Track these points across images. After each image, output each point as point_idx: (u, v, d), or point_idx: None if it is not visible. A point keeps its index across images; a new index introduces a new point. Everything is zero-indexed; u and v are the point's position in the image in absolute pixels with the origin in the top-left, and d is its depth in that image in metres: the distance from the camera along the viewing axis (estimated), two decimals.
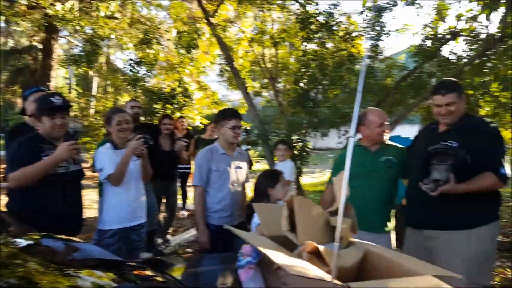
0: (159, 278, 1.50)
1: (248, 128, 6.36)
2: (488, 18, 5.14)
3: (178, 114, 7.16)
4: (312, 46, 5.24)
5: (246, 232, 1.40)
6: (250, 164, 5.57)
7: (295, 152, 5.28)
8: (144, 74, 7.36)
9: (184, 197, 6.54)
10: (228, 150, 3.04)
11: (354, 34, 5.21)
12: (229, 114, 3.01)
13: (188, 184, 6.56)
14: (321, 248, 1.25)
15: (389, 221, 2.87)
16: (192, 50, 6.22)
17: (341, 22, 5.15)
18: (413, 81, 5.41)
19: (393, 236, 2.99)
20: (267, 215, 1.57)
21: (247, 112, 6.00)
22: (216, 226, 2.95)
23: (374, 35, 5.03)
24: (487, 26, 4.94)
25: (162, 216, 5.01)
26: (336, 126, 4.67)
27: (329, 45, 5.31)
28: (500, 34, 4.46)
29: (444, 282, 1.14)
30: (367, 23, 5.16)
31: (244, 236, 1.31)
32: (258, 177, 2.76)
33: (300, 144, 5.28)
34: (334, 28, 4.84)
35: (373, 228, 2.78)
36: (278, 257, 1.12)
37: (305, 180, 6.60)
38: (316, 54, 4.68)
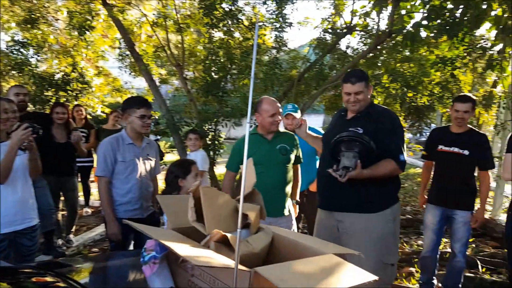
0: (61, 284, 1.35)
1: (156, 117, 6.11)
2: (378, 15, 5.62)
3: (75, 102, 6.59)
4: (219, 35, 5.20)
5: (148, 226, 1.31)
6: (161, 155, 5.39)
7: (207, 141, 5.22)
8: (32, 57, 6.56)
9: (87, 193, 6.05)
10: (136, 140, 2.89)
11: (259, 24, 5.29)
12: (138, 102, 2.86)
13: (90, 178, 6.12)
14: (229, 236, 1.24)
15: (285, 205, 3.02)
16: (87, 33, 5.68)
17: (245, 11, 5.19)
18: (315, 73, 5.72)
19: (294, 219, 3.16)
20: (172, 206, 1.51)
21: (153, 100, 5.73)
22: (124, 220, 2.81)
23: (277, 26, 5.16)
24: (378, 22, 5.41)
25: (61, 214, 4.59)
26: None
27: (236, 34, 5.32)
28: (388, 30, 4.91)
29: (345, 260, 1.20)
30: (270, 14, 5.26)
31: (145, 230, 1.23)
32: (169, 167, 2.64)
33: (212, 133, 5.25)
34: (239, 17, 4.84)
35: (272, 213, 2.89)
36: (182, 249, 1.07)
37: (218, 170, 6.58)
38: (223, 42, 4.65)
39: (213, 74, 4.69)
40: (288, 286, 0.93)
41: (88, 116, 5.91)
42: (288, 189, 3.04)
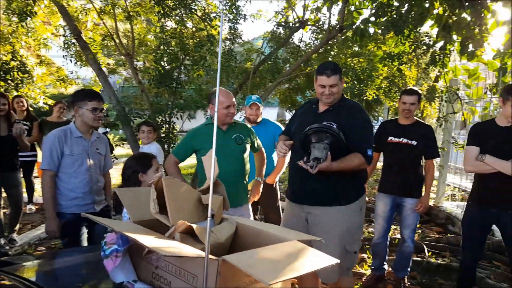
0: (6, 282, 1.27)
1: (105, 109, 5.84)
2: (329, 10, 5.76)
3: (15, 93, 6.14)
4: (171, 24, 5.07)
5: (110, 220, 1.28)
6: (111, 148, 5.18)
7: (161, 134, 5.10)
8: None
9: (30, 189, 5.68)
10: (85, 134, 2.79)
11: (212, 15, 5.23)
12: (89, 95, 2.77)
13: (34, 174, 5.77)
14: (194, 226, 1.23)
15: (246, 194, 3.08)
16: (28, 19, 5.28)
17: (198, 1, 5.09)
18: (270, 66, 5.76)
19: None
20: (132, 199, 1.47)
21: (102, 91, 5.48)
22: (73, 215, 2.70)
23: (231, 18, 5.13)
24: (329, 18, 5.55)
25: (3, 212, 4.31)
26: (203, 107, 4.65)
27: (189, 25, 5.22)
28: (339, 26, 5.06)
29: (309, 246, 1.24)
30: (223, 5, 5.21)
31: (108, 223, 1.19)
32: (127, 162, 2.52)
33: (166, 126, 5.12)
34: (192, 6, 4.74)
35: (233, 202, 2.92)
36: (148, 241, 1.05)
37: None
38: (175, 32, 4.53)
39: (165, 64, 4.56)
40: (258, 272, 0.94)
41: (30, 108, 5.55)
42: (245, 179, 3.08)
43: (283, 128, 4.10)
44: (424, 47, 4.61)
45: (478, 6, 4.17)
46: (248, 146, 3.04)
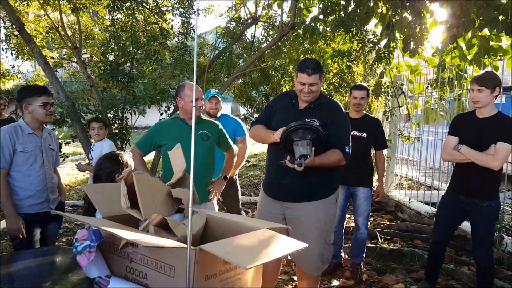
0: None
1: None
2: (280, 7, 5.86)
3: None
4: (121, 17, 4.91)
5: (83, 216, 1.26)
6: (59, 146, 4.93)
7: (114, 130, 4.94)
8: None
9: None
10: (36, 130, 2.70)
11: (164, 8, 5.13)
12: (38, 90, 2.69)
13: None
14: (168, 219, 1.25)
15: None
16: None
17: None
18: (224, 61, 5.76)
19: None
20: (100, 195, 1.45)
21: (47, 85, 5.19)
22: (27, 215, 2.59)
23: (183, 11, 5.06)
24: (281, 15, 5.65)
25: None
26: (156, 103, 4.57)
27: (143, 18, 5.09)
28: (291, 23, 5.17)
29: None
30: None
31: (83, 220, 1.17)
32: (100, 163, 2.44)
33: (119, 122, 4.97)
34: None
35: (199, 199, 2.94)
36: (127, 234, 1.06)
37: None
38: (126, 25, 4.40)
39: (116, 58, 4.42)
40: (235, 258, 0.99)
41: None
42: (210, 175, 3.08)
43: (242, 123, 4.16)
44: (371, 45, 4.84)
45: (418, 6, 4.45)
46: (214, 144, 3.04)
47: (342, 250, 3.98)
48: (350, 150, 2.58)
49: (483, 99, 2.84)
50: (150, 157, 4.23)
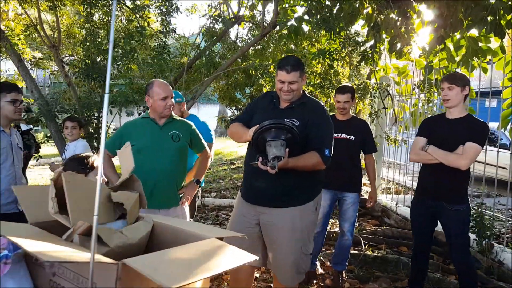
0: None
1: (27, 103, 5.35)
2: (263, 7, 5.73)
3: None
4: (99, 15, 4.74)
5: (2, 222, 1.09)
6: (37, 147, 4.73)
7: (90, 130, 4.76)
8: None
9: None
10: (6, 128, 2.65)
11: (141, 4, 4.98)
12: (7, 87, 2.64)
13: None
14: (100, 228, 1.09)
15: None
16: None
17: None
18: (206, 61, 5.61)
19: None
20: (30, 199, 1.28)
21: (25, 85, 5.02)
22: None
23: (163, 10, 4.92)
24: (263, 14, 5.53)
25: None
26: (134, 102, 4.39)
27: (121, 17, 4.93)
28: (272, 22, 5.05)
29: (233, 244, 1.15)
30: None
31: None
32: (65, 163, 2.28)
33: (95, 121, 4.78)
34: None
35: (165, 203, 2.78)
36: (32, 244, 0.90)
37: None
38: (103, 22, 4.23)
39: (91, 56, 4.24)
40: (161, 275, 0.83)
41: None
42: (181, 178, 2.92)
43: (211, 129, 3.99)
44: (352, 44, 4.73)
45: (404, 7, 4.36)
46: (186, 145, 2.88)
47: (317, 259, 3.81)
48: (331, 154, 2.41)
49: (454, 97, 2.80)
50: None
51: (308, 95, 2.64)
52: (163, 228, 1.31)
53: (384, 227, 5.29)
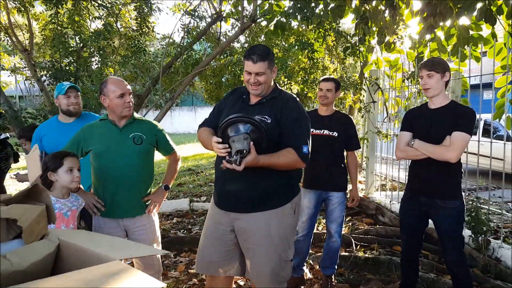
0: None
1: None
2: (248, 3, 5.53)
3: None
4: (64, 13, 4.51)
5: None
6: (15, 156, 4.51)
7: None
8: None
9: None
10: None
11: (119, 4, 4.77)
12: None
13: None
14: None
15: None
16: None
17: None
18: (184, 59, 5.39)
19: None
20: None
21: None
22: None
23: (142, 11, 4.72)
24: (242, 9, 5.31)
25: None
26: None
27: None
28: (251, 16, 4.85)
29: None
30: None
31: None
32: (45, 158, 2.10)
33: None
34: None
35: (128, 212, 2.57)
36: None
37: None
38: (71, 19, 4.00)
39: (59, 58, 4.03)
40: None
41: None
42: (147, 184, 2.70)
43: None
44: (336, 35, 4.52)
45: None
46: (151, 147, 2.67)
47: (305, 264, 3.59)
48: (309, 150, 2.19)
49: (434, 85, 2.59)
50: None
51: (281, 88, 2.41)
52: (68, 248, 1.08)
53: (377, 226, 5.06)
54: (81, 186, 2.58)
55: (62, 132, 2.93)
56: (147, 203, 2.66)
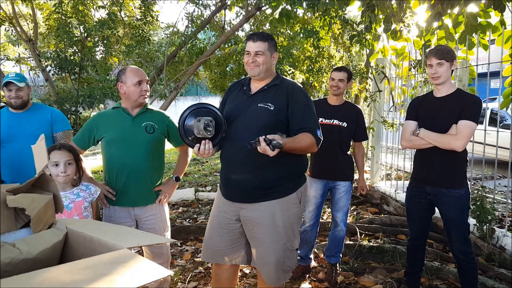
0: None
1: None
2: None
3: None
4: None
5: None
6: None
7: None
8: None
9: None
10: None
11: None
12: None
13: None
14: None
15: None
16: None
17: None
18: (189, 48, 5.36)
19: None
20: None
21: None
22: None
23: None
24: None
25: None
26: (110, 94, 4.16)
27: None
28: (256, 4, 4.80)
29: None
30: None
31: None
32: None
33: (73, 116, 4.58)
34: None
35: (139, 201, 2.59)
36: None
37: (89, 160, 5.89)
38: (76, 8, 3.98)
39: (64, 48, 4.02)
40: None
41: None
42: (158, 173, 2.71)
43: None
44: (342, 23, 4.46)
45: None
46: (162, 137, 2.67)
47: (312, 253, 3.61)
48: (321, 134, 2.23)
49: (444, 74, 2.57)
50: None
51: (282, 76, 2.41)
52: (75, 237, 1.09)
53: (382, 215, 5.07)
54: (91, 175, 2.62)
55: (14, 122, 2.91)
56: (158, 193, 2.68)
